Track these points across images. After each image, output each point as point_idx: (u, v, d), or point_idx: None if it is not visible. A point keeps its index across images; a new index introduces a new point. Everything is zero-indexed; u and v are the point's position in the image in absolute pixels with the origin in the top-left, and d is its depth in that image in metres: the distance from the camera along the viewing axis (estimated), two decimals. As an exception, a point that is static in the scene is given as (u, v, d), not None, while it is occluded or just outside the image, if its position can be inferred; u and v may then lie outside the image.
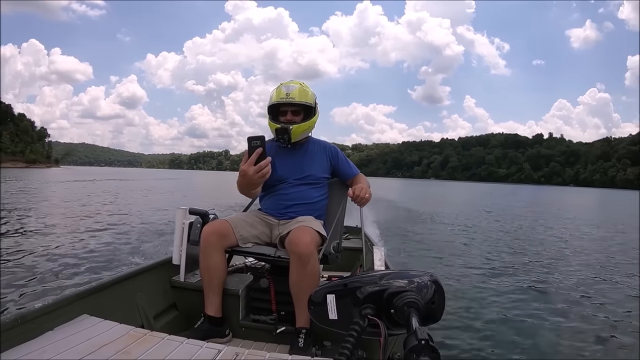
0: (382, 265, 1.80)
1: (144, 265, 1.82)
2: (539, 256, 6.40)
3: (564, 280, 4.75)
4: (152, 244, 5.99)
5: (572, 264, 5.85)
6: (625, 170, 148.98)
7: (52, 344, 1.12)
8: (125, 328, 1.27)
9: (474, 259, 5.84)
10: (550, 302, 3.85)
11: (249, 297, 1.79)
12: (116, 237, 6.41)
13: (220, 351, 1.17)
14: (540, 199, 31.64)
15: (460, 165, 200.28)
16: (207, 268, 1.63)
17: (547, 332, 3.06)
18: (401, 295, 0.56)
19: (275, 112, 1.82)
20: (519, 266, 5.51)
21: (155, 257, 2.14)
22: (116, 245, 5.81)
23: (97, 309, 1.39)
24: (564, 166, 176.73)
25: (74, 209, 10.52)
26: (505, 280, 4.62)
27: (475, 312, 3.43)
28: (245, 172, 1.37)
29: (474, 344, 2.78)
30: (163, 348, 1.17)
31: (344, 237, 2.19)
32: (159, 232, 6.90)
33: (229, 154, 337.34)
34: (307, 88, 1.83)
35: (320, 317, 0.62)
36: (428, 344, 0.47)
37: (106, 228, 7.39)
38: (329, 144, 1.99)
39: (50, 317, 1.23)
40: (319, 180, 1.87)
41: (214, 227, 1.67)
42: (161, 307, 1.76)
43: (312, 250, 1.54)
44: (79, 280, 3.94)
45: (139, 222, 8.30)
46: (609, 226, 11.88)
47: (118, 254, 5.21)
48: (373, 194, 1.77)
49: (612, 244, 8.12)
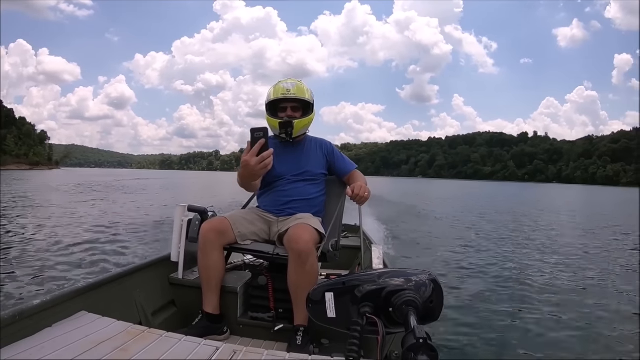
0: (380, 263, 1.80)
1: (142, 262, 1.82)
2: (539, 256, 6.41)
3: (564, 278, 4.76)
4: (150, 240, 5.99)
5: (572, 262, 5.87)
6: (605, 167, 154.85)
7: (50, 341, 1.11)
8: (123, 325, 1.27)
9: (472, 258, 5.85)
10: (550, 301, 3.86)
11: (247, 294, 1.79)
12: (115, 235, 6.41)
13: (218, 348, 1.17)
14: (536, 197, 31.84)
15: (447, 164, 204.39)
16: (206, 265, 1.63)
17: (547, 332, 3.06)
18: (399, 293, 0.56)
19: (273, 109, 1.82)
20: (518, 265, 5.52)
21: (153, 254, 2.14)
22: (114, 242, 5.81)
23: (95, 306, 1.39)
24: (547, 164, 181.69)
25: (75, 208, 10.54)
26: (504, 279, 4.63)
27: (475, 311, 3.44)
28: (248, 162, 1.37)
29: (473, 343, 2.79)
30: (161, 345, 1.17)
31: (342, 235, 2.20)
32: (157, 229, 6.91)
33: (219, 154, 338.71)
34: (304, 85, 1.85)
35: (319, 315, 0.62)
36: (426, 343, 0.47)
37: (105, 225, 7.40)
38: (325, 140, 2.00)
39: (49, 314, 1.23)
40: (316, 176, 1.88)
41: (212, 225, 1.66)
42: (159, 304, 1.76)
43: (311, 248, 1.54)
44: (76, 275, 3.95)
45: (138, 219, 8.30)
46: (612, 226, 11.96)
47: (116, 251, 5.21)
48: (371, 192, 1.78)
49: (613, 242, 8.16)
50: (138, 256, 4.90)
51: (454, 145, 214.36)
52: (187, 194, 21.43)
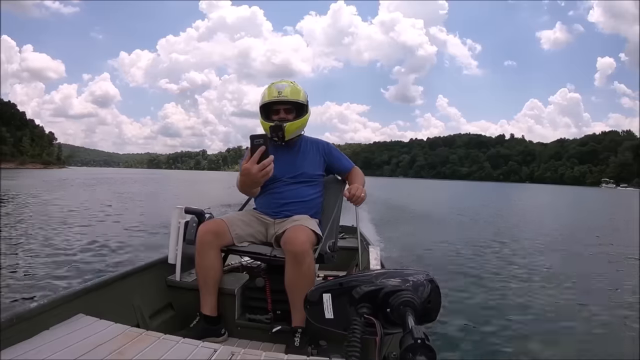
0: (377, 264, 1.80)
1: (139, 264, 1.81)
2: (539, 254, 6.44)
3: (562, 276, 4.78)
4: (147, 242, 5.96)
5: (568, 261, 5.91)
6: (573, 168, 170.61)
7: (47, 344, 1.11)
8: (120, 327, 1.27)
9: (472, 257, 5.86)
10: (550, 300, 3.86)
11: (244, 296, 1.78)
12: (113, 235, 6.37)
13: (216, 350, 1.16)
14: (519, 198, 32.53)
15: (427, 164, 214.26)
16: (203, 267, 1.62)
17: (547, 331, 3.07)
18: (397, 294, 0.56)
19: (267, 111, 1.82)
20: (517, 264, 5.54)
21: (150, 257, 2.13)
22: (112, 243, 5.78)
23: (93, 309, 1.38)
24: (521, 165, 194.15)
25: (76, 207, 10.50)
26: (503, 278, 4.64)
27: (474, 310, 3.44)
28: (249, 170, 1.37)
29: (472, 342, 2.79)
30: (159, 348, 1.17)
31: (339, 236, 2.19)
32: (154, 231, 6.88)
33: (206, 154, 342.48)
34: (298, 87, 1.84)
35: (316, 316, 0.62)
36: (424, 343, 0.47)
37: (105, 224, 7.37)
38: (321, 140, 1.99)
39: (46, 317, 1.23)
40: (313, 177, 1.88)
41: (209, 226, 1.66)
42: (157, 306, 1.76)
43: (308, 249, 1.54)
44: (73, 277, 3.92)
45: (137, 220, 8.27)
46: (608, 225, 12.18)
47: (114, 253, 5.18)
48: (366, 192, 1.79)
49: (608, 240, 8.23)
50: (136, 257, 4.87)
51: (434, 147, 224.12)
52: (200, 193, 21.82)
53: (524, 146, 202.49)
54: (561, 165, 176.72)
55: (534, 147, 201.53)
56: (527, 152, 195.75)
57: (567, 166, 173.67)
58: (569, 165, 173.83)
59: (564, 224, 11.60)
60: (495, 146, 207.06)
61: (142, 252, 5.08)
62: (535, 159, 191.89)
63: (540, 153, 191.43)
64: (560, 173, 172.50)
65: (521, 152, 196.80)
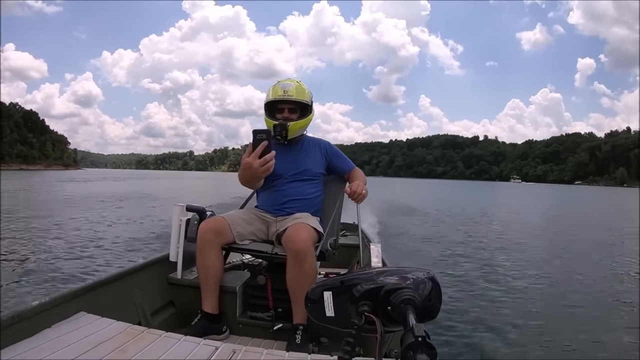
0: (379, 262, 1.79)
1: (141, 262, 1.82)
2: (540, 253, 6.44)
3: (562, 275, 4.78)
4: (149, 240, 5.98)
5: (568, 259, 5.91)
6: (536, 167, 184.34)
7: (49, 342, 1.11)
8: (122, 325, 1.27)
9: (470, 257, 5.87)
10: (550, 300, 3.87)
11: (246, 294, 1.79)
12: (114, 234, 6.40)
13: (217, 348, 1.17)
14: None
15: (405, 164, 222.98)
16: (204, 265, 1.63)
17: (547, 331, 3.07)
18: (398, 292, 0.56)
19: (271, 109, 1.82)
20: (516, 263, 5.54)
21: (152, 254, 2.14)
22: (114, 241, 5.80)
23: (94, 307, 1.38)
24: (492, 164, 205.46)
25: (78, 208, 10.55)
26: (502, 278, 4.64)
27: (474, 309, 3.45)
28: (250, 164, 1.37)
29: (472, 341, 2.79)
30: (160, 345, 1.17)
31: (340, 233, 2.20)
32: (155, 229, 6.90)
33: (193, 154, 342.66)
34: (303, 86, 1.85)
35: (317, 314, 0.62)
36: (425, 341, 0.47)
37: (105, 224, 7.38)
38: (323, 140, 2.01)
39: (48, 315, 1.23)
40: (315, 175, 1.88)
41: (210, 224, 1.66)
42: (158, 304, 1.76)
43: (309, 247, 1.54)
44: (75, 275, 3.94)
45: (137, 219, 8.29)
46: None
47: (115, 251, 5.20)
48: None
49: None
50: (137, 255, 4.90)
51: (412, 147, 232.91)
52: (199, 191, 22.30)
53: (497, 147, 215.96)
54: (526, 165, 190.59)
55: (506, 148, 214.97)
56: (499, 153, 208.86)
57: (532, 165, 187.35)
58: (532, 164, 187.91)
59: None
60: (470, 147, 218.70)
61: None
62: (505, 158, 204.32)
63: (510, 153, 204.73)
64: (525, 172, 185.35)
65: (493, 153, 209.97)
